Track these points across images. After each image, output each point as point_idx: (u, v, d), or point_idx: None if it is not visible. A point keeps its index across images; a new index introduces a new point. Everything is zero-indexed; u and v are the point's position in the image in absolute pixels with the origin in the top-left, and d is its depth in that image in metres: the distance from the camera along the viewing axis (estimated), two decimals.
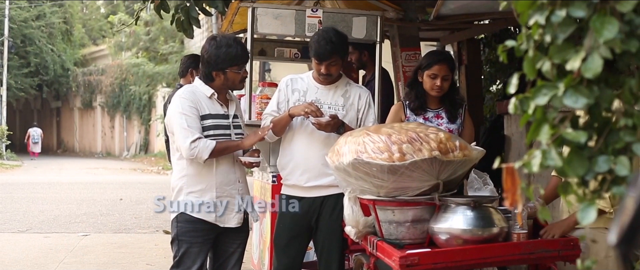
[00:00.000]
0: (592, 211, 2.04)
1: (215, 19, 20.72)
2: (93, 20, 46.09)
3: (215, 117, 4.97)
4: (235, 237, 5.13)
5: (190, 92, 4.99)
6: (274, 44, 7.92)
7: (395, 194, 4.49)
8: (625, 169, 2.01)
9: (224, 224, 4.99)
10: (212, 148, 4.83)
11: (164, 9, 8.25)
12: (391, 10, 7.23)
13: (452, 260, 4.30)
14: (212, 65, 4.94)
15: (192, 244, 4.94)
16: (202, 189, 4.94)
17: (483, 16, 8.16)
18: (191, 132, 4.83)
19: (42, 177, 24.07)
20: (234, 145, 4.97)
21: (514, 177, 2.15)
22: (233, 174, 5.05)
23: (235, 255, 5.17)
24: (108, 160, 37.64)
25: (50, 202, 15.64)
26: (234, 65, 4.93)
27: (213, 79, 4.98)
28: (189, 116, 4.88)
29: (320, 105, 5.21)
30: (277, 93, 5.46)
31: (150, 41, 33.54)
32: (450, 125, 5.32)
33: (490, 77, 10.72)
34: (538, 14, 2.07)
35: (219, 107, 5.02)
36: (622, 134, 2.06)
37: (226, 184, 4.99)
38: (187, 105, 4.89)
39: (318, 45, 5.14)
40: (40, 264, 8.84)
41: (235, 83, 5.03)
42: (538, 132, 2.12)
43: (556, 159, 2.05)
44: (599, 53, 1.98)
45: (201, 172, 4.95)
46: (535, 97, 2.10)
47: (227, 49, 4.91)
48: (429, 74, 5.29)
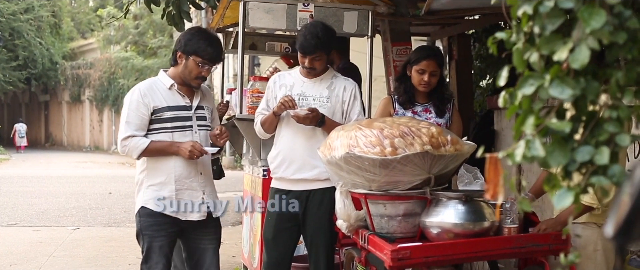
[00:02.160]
0: (568, 197, 2.05)
1: (204, 13, 20.68)
2: (82, 13, 45.91)
3: (174, 108, 4.89)
4: (204, 233, 5.05)
5: (147, 85, 4.95)
6: (265, 38, 7.93)
7: (387, 188, 4.51)
8: (604, 158, 2.02)
9: (185, 217, 4.92)
10: (143, 148, 4.79)
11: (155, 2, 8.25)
12: (382, 5, 7.24)
13: (443, 254, 4.33)
14: (181, 45, 4.87)
15: (155, 238, 4.88)
16: (161, 181, 4.88)
17: (474, 11, 8.16)
18: (126, 129, 4.81)
19: (31, 170, 24.00)
20: (170, 150, 4.84)
21: (497, 167, 2.16)
22: (194, 167, 4.94)
23: (210, 251, 5.07)
24: (96, 154, 37.51)
25: (39, 196, 15.60)
26: (199, 55, 4.83)
27: (176, 61, 4.91)
28: (132, 111, 4.84)
29: (305, 98, 5.25)
30: (266, 91, 5.51)
31: (139, 35, 33.50)
32: (438, 120, 5.34)
33: (481, 72, 10.73)
34: (526, 5, 2.09)
35: (179, 98, 4.93)
36: (606, 126, 2.07)
37: (185, 177, 4.91)
38: (134, 101, 4.85)
39: (304, 39, 5.16)
40: (30, 258, 8.83)
41: (191, 75, 4.87)
42: (524, 122, 2.13)
43: (539, 149, 2.06)
44: (587, 44, 2.00)
45: (159, 165, 4.89)
46: (522, 87, 2.12)
47: (201, 40, 4.85)
48: (417, 69, 5.31)
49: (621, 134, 2.02)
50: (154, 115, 4.85)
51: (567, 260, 2.07)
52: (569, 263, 2.07)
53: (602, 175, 2.00)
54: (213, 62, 4.90)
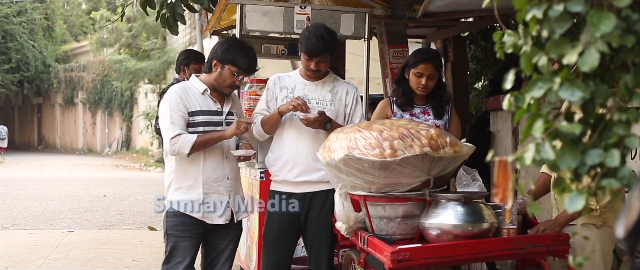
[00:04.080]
0: (580, 200, 2.06)
1: (198, 16, 20.69)
2: (74, 16, 45.80)
3: (207, 113, 4.97)
4: (225, 234, 5.14)
5: (181, 88, 5.02)
6: (261, 40, 7.93)
7: (386, 190, 4.53)
8: (615, 161, 2.04)
9: (211, 220, 5.01)
10: (192, 142, 4.83)
11: (150, 5, 8.27)
12: (379, 8, 7.26)
13: (442, 256, 4.35)
14: (217, 54, 4.96)
15: (181, 238, 4.96)
16: (190, 184, 4.96)
17: (469, 14, 8.20)
18: (173, 129, 4.85)
19: (25, 173, 23.92)
20: (216, 137, 4.93)
21: (506, 171, 2.17)
22: (221, 170, 5.03)
23: (226, 252, 5.17)
24: (89, 156, 37.41)
25: (33, 199, 15.56)
26: (235, 65, 4.92)
27: (211, 68, 4.98)
28: (174, 112, 4.89)
29: (308, 101, 5.24)
30: (265, 92, 5.49)
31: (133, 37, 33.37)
32: (436, 122, 5.35)
33: (476, 74, 10.78)
34: (536, 9, 2.10)
35: (211, 103, 5.01)
36: (615, 128, 2.09)
37: (213, 181, 4.99)
38: (174, 101, 4.91)
39: (309, 42, 5.15)
40: (26, 260, 8.81)
41: (225, 84, 4.98)
42: (532, 126, 2.14)
43: (549, 152, 2.07)
44: (596, 47, 2.01)
45: (188, 168, 4.96)
46: (531, 90, 2.13)
47: (238, 50, 4.95)
48: (415, 72, 5.32)
49: (630, 137, 2.03)
50: (188, 117, 4.92)
51: (576, 262, 2.08)
52: (577, 265, 2.09)
53: (613, 177, 2.02)
54: (248, 72, 5.04)
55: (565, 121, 2.12)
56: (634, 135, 2.05)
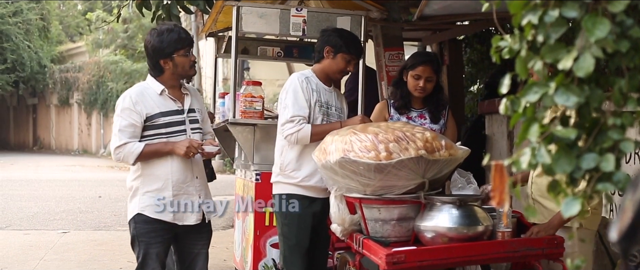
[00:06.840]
0: (576, 205, 2.08)
1: (194, 17, 20.68)
2: (70, 17, 45.75)
3: (167, 114, 4.90)
4: (197, 238, 5.08)
5: (137, 92, 4.93)
6: (257, 42, 7.94)
7: (382, 193, 4.53)
8: (610, 165, 2.06)
9: (182, 221, 4.94)
10: (138, 153, 4.78)
11: (146, 6, 8.27)
12: (375, 10, 7.27)
13: (437, 258, 4.36)
14: (158, 53, 4.86)
15: (152, 245, 4.90)
16: (158, 187, 4.89)
17: (465, 17, 8.21)
18: (119, 137, 4.80)
19: (19, 174, 23.87)
20: (165, 150, 4.84)
21: (503, 175, 2.18)
22: (190, 170, 4.97)
23: (201, 256, 5.11)
24: (85, 157, 37.35)
25: (28, 199, 15.53)
26: (180, 48, 4.85)
27: (162, 69, 4.90)
28: (124, 120, 4.82)
29: (330, 108, 5.23)
30: (297, 92, 5.17)
31: (128, 38, 33.41)
32: (433, 126, 5.37)
33: (471, 77, 10.80)
34: (531, 14, 2.12)
35: (171, 103, 4.94)
36: (610, 133, 2.10)
37: (182, 182, 4.94)
38: (126, 108, 4.83)
39: (356, 41, 5.28)
40: (21, 261, 8.80)
41: (186, 68, 4.92)
42: (528, 130, 2.16)
43: (545, 156, 2.09)
44: (591, 52, 2.03)
45: (156, 171, 4.90)
46: (526, 94, 2.14)
47: (169, 34, 4.84)
48: (413, 74, 5.35)
49: (625, 141, 2.05)
50: (147, 122, 4.85)
51: (574, 265, 2.09)
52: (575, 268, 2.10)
53: (608, 181, 2.03)
54: (191, 43, 4.98)
55: (560, 125, 2.14)
56: (629, 140, 2.07)
